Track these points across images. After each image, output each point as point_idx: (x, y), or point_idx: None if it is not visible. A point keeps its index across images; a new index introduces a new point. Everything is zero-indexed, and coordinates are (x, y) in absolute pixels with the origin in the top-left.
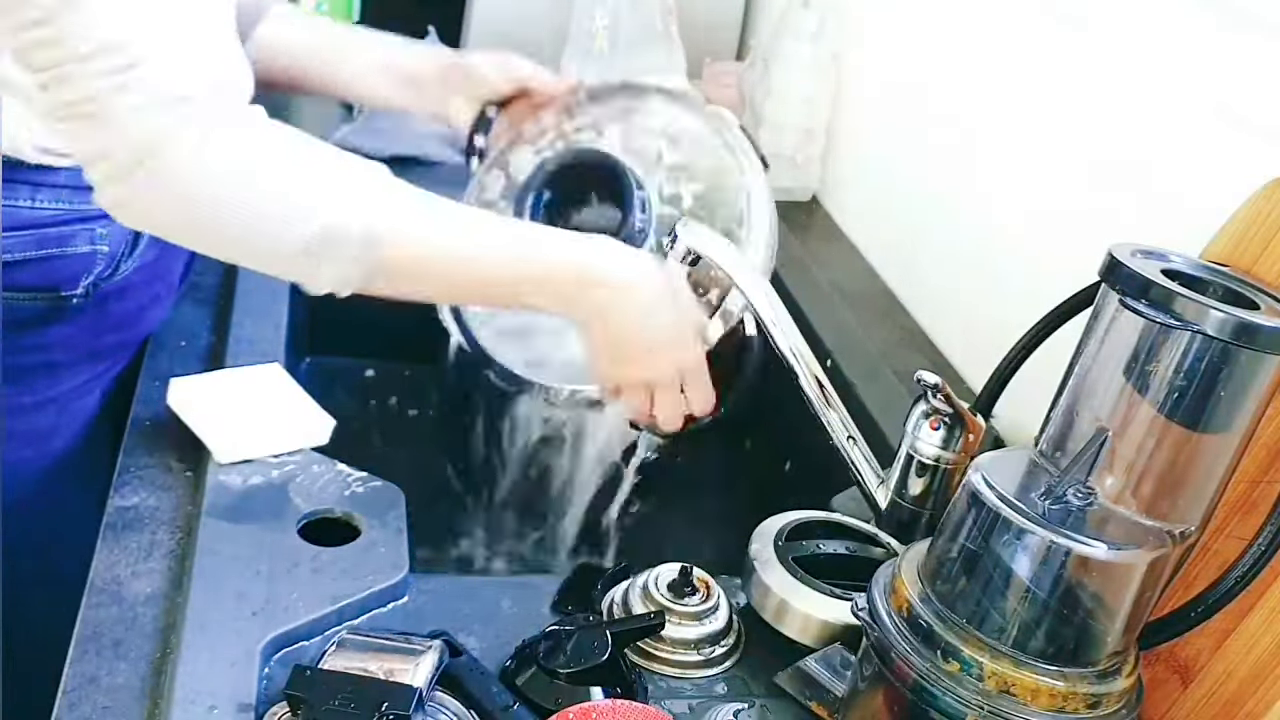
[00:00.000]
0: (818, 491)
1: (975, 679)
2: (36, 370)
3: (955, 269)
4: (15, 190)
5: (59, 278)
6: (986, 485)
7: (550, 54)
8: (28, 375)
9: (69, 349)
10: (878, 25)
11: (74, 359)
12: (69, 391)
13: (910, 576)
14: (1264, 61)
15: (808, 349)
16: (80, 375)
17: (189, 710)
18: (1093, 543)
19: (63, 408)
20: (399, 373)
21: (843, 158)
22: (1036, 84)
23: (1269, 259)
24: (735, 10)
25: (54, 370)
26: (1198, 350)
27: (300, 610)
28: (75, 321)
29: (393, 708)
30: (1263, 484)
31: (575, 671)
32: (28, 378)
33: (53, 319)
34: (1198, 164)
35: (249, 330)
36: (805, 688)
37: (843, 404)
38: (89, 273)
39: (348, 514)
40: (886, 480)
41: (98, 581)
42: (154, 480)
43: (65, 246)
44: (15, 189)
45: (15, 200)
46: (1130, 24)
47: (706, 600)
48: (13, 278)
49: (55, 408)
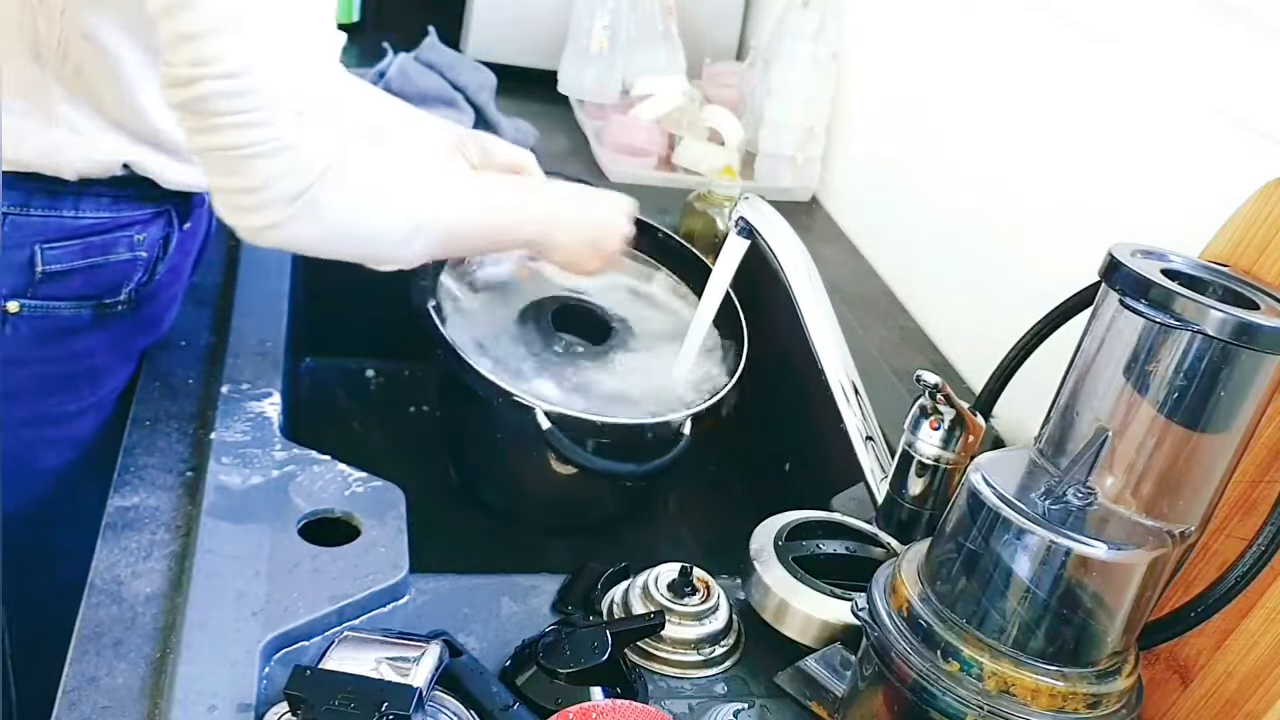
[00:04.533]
0: (818, 491)
1: (975, 679)
2: (81, 377)
3: (955, 269)
4: (59, 202)
5: (104, 286)
6: (986, 485)
7: (550, 54)
8: (74, 382)
9: (110, 354)
10: (878, 25)
11: (113, 363)
12: (107, 395)
13: (910, 576)
14: (1264, 61)
15: (845, 346)
16: (118, 378)
17: (189, 710)
18: (1093, 543)
19: (102, 411)
20: (399, 373)
21: (843, 158)
22: (1037, 84)
23: (1269, 259)
24: (735, 10)
25: (96, 376)
26: (1198, 350)
27: (300, 610)
28: (115, 326)
29: (393, 708)
30: (1263, 484)
31: (575, 671)
32: (74, 385)
33: (98, 326)
34: (1198, 164)
35: (249, 330)
36: (805, 688)
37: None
38: (130, 280)
39: (348, 514)
40: (887, 480)
41: (98, 581)
42: (154, 480)
43: (109, 254)
44: (59, 200)
45: (60, 211)
46: (1130, 24)
47: (706, 600)
48: (62, 288)
49: (96, 411)
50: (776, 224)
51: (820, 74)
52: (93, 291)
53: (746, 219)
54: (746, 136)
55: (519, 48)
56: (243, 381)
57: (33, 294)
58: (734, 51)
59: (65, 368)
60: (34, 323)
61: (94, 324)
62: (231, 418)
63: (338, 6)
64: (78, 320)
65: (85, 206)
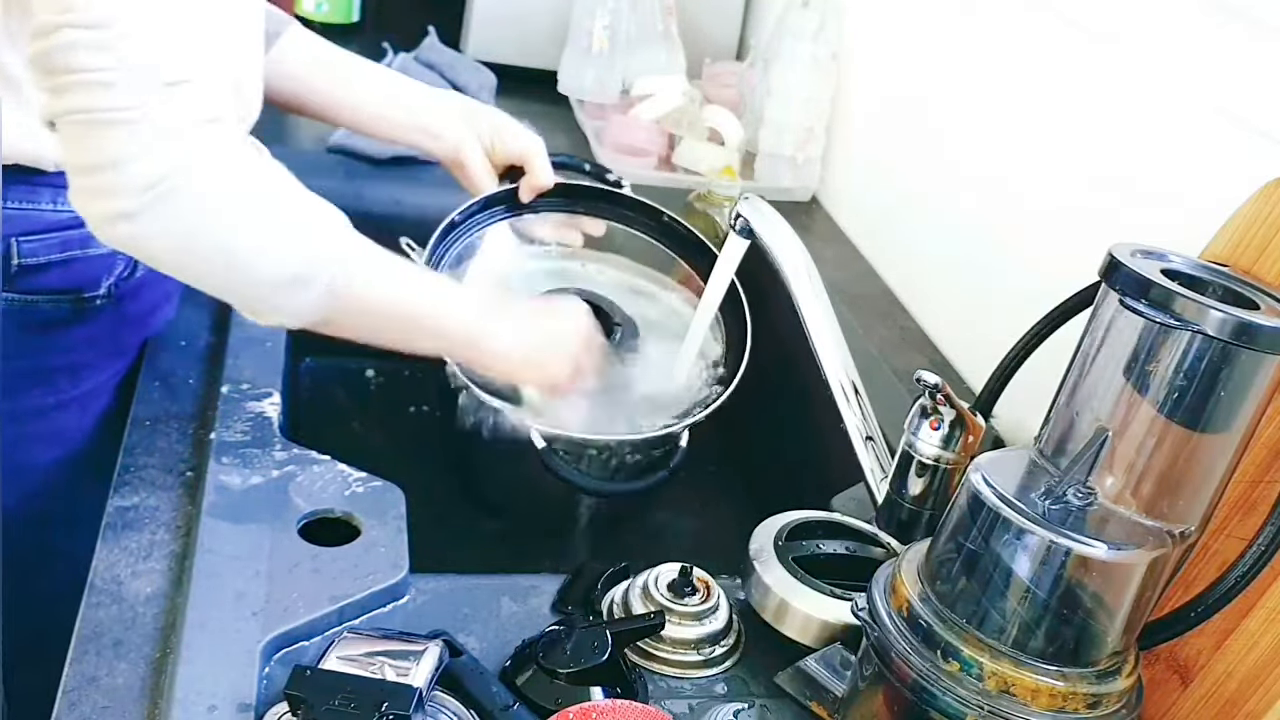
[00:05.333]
0: (818, 491)
1: (975, 679)
2: (60, 371)
3: (955, 269)
4: (38, 194)
5: (82, 279)
6: (986, 485)
7: (550, 54)
8: (53, 376)
9: (91, 349)
10: (878, 25)
11: (95, 358)
12: (90, 391)
13: (910, 576)
14: (1264, 61)
15: (845, 346)
16: (101, 374)
17: (189, 710)
18: (1093, 543)
19: (84, 407)
20: (399, 373)
21: (843, 158)
22: (1037, 84)
23: (1269, 259)
24: (735, 10)
25: (76, 371)
26: (1198, 350)
27: (300, 610)
28: (97, 321)
29: (393, 708)
30: (1263, 484)
31: (575, 671)
32: (53, 379)
33: (76, 320)
34: (1198, 164)
35: (249, 330)
36: (805, 688)
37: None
38: (110, 273)
39: (348, 514)
40: (887, 480)
41: (98, 581)
42: (154, 480)
43: (87, 248)
44: (37, 192)
45: (39, 204)
46: (1131, 24)
47: (706, 600)
48: (38, 281)
49: (78, 407)
50: (776, 224)
51: (820, 74)
52: (71, 285)
53: (746, 219)
54: (746, 136)
55: (519, 48)
56: (243, 381)
57: (8, 287)
58: (734, 51)
59: (42, 362)
60: (10, 316)
61: (72, 318)
62: (231, 418)
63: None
64: (56, 314)
65: (64, 199)
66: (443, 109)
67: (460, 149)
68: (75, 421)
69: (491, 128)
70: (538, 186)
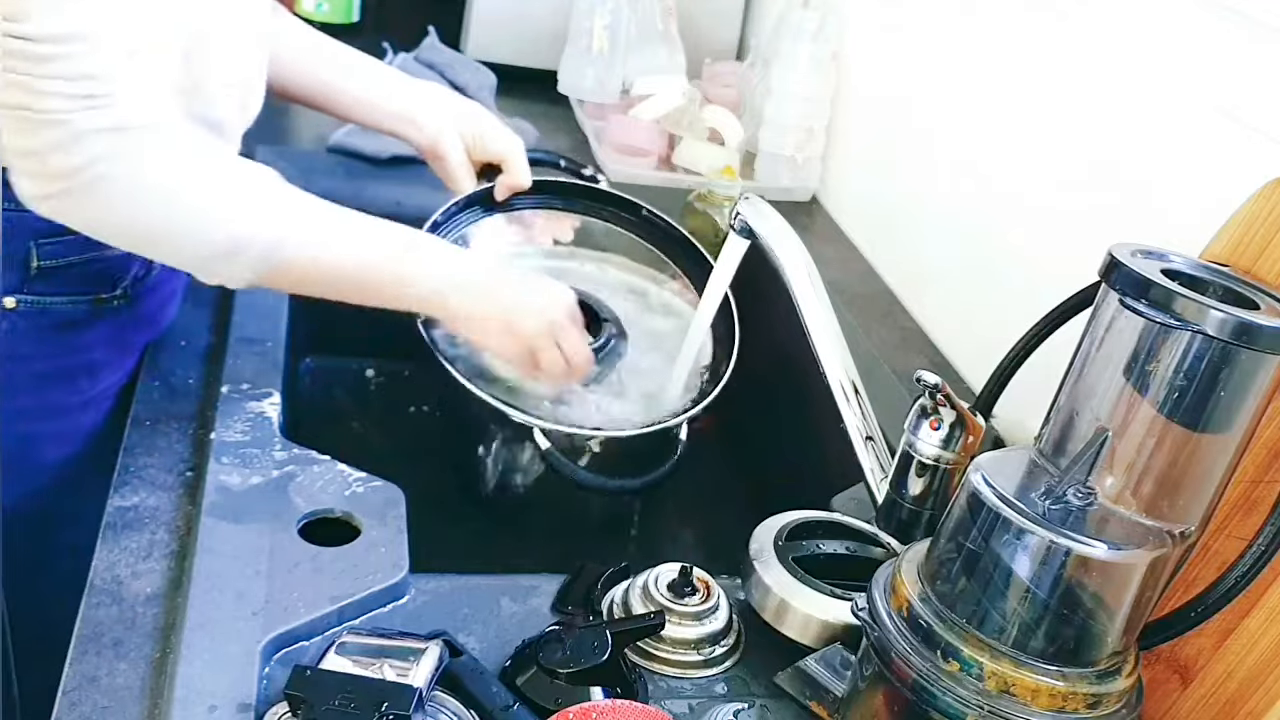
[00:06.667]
0: (818, 491)
1: (975, 679)
2: (79, 371)
3: (955, 269)
4: None
5: (100, 280)
6: (986, 485)
7: (550, 54)
8: (73, 376)
9: (108, 348)
10: (878, 25)
11: (111, 357)
12: (105, 389)
13: (910, 576)
14: (1264, 61)
15: (845, 346)
16: (116, 372)
17: (189, 710)
18: (1093, 543)
19: (99, 405)
20: (399, 373)
21: (843, 158)
22: (1037, 83)
23: (1269, 259)
24: (735, 10)
25: (94, 370)
26: (1198, 350)
27: (300, 610)
28: (113, 320)
29: (393, 708)
30: (1263, 484)
31: (575, 671)
32: (73, 379)
33: (94, 320)
34: (1198, 164)
35: (249, 330)
36: (805, 688)
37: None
38: (126, 273)
39: (348, 514)
40: (887, 480)
41: (98, 581)
42: (154, 480)
43: (104, 249)
44: None
45: None
46: (1131, 24)
47: (706, 600)
48: (58, 283)
49: (94, 406)
50: (776, 224)
51: (820, 74)
52: (89, 286)
53: (746, 219)
54: (746, 136)
55: (519, 48)
56: (243, 381)
57: (29, 290)
58: (734, 51)
59: (64, 362)
60: (31, 318)
61: (91, 318)
62: (231, 418)
63: (334, 6)
64: (75, 314)
65: None
66: (425, 98)
67: (439, 140)
68: (92, 419)
69: (475, 124)
70: (514, 186)
